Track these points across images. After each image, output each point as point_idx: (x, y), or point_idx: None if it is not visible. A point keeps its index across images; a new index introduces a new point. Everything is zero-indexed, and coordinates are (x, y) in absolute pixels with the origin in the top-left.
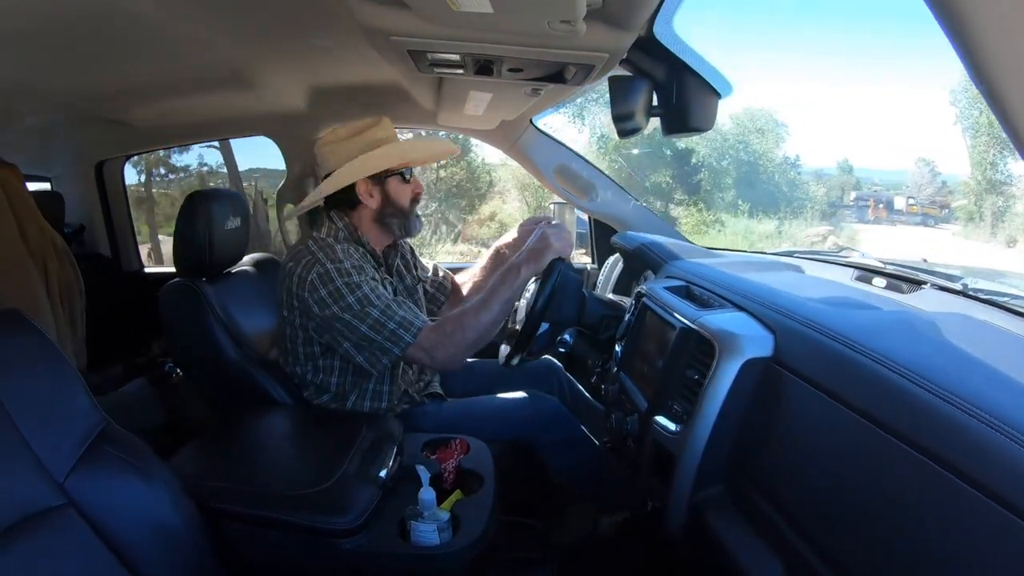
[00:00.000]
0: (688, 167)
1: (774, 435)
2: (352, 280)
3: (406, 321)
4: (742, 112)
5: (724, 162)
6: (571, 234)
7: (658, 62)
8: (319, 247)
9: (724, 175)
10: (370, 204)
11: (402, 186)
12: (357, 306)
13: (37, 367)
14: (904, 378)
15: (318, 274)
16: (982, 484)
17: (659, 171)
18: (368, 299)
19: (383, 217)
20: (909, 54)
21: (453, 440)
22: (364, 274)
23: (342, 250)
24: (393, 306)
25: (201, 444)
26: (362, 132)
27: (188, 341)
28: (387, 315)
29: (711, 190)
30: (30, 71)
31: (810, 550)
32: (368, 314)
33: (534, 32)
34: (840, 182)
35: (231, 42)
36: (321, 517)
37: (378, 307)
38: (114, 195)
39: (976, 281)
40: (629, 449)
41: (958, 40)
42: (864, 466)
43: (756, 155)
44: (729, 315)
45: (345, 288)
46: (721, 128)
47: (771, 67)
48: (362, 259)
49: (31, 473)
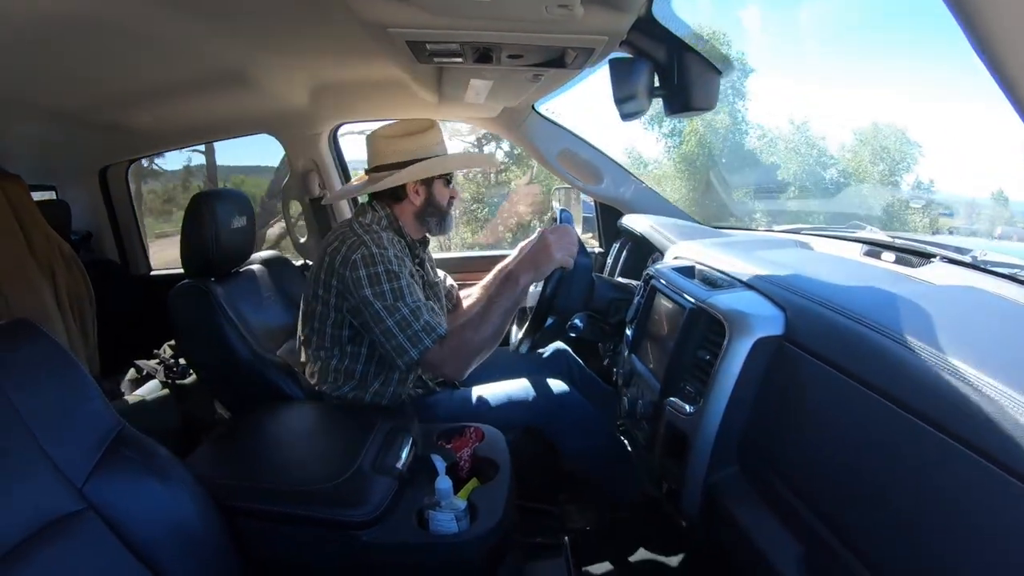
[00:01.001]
0: (773, 183)
1: (787, 414)
2: (392, 269)
3: (429, 326)
4: (868, 128)
5: (816, 179)
6: (574, 238)
7: (658, 43)
8: (365, 231)
9: (813, 194)
10: (415, 201)
11: (444, 189)
12: (391, 297)
13: (50, 375)
14: (915, 354)
15: (362, 255)
16: (997, 458)
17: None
18: (402, 293)
19: (424, 214)
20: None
21: (467, 428)
22: (404, 267)
23: (387, 239)
24: (423, 308)
25: (216, 443)
26: (419, 134)
27: (199, 341)
28: (415, 315)
29: (797, 211)
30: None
31: (829, 530)
32: (398, 309)
33: (532, 17)
34: (990, 214)
35: (230, 43)
36: (339, 510)
37: (409, 305)
38: (119, 200)
39: (986, 253)
40: (642, 431)
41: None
42: (877, 442)
43: (865, 174)
44: (739, 294)
45: (384, 275)
46: (818, 140)
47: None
48: (403, 252)
49: (50, 480)
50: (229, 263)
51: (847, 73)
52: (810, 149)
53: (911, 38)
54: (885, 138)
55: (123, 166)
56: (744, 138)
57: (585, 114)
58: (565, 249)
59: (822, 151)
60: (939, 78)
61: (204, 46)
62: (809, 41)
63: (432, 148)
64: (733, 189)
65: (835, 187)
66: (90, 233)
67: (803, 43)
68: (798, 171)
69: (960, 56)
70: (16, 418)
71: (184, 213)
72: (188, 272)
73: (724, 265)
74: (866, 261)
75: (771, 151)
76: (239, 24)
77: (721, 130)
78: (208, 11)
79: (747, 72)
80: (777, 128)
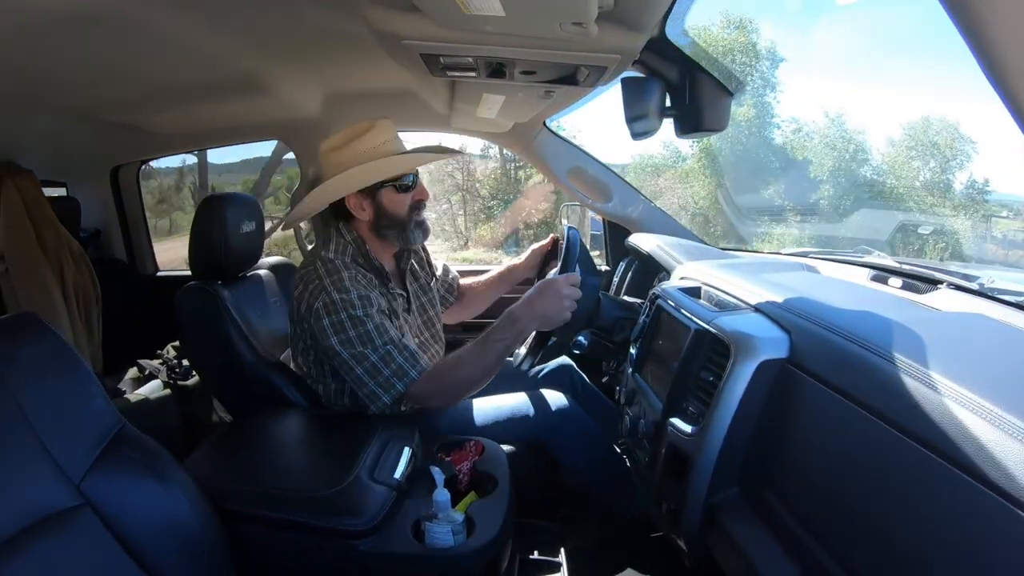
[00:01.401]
0: (805, 181)
1: (789, 437)
2: (356, 314)
3: (402, 370)
4: (918, 121)
5: (850, 178)
6: (575, 291)
7: (670, 63)
8: (327, 272)
9: (848, 198)
10: (362, 217)
11: (398, 196)
12: (358, 344)
13: (54, 370)
14: (918, 380)
15: (323, 303)
16: (1001, 487)
17: (755, 183)
18: (369, 338)
19: (379, 229)
20: None
21: (468, 442)
22: (370, 306)
23: (349, 277)
24: (394, 351)
25: (216, 446)
26: (356, 139)
27: (203, 343)
28: (386, 360)
29: (830, 212)
30: (45, 78)
31: (826, 554)
32: (366, 356)
33: (546, 35)
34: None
35: (246, 49)
36: (336, 518)
37: (379, 350)
38: (130, 200)
39: (993, 280)
40: (644, 450)
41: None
42: (878, 468)
43: (911, 173)
44: (744, 316)
45: (348, 322)
46: (856, 136)
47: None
48: (369, 285)
49: (48, 474)
50: (237, 267)
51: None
52: (846, 144)
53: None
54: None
55: (135, 166)
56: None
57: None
58: (550, 306)
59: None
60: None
61: (220, 51)
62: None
63: (371, 152)
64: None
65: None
66: (99, 231)
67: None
68: (835, 169)
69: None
70: (18, 411)
71: (194, 215)
72: (195, 274)
73: (730, 287)
74: (873, 286)
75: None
76: (256, 31)
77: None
78: (226, 17)
79: (777, 62)
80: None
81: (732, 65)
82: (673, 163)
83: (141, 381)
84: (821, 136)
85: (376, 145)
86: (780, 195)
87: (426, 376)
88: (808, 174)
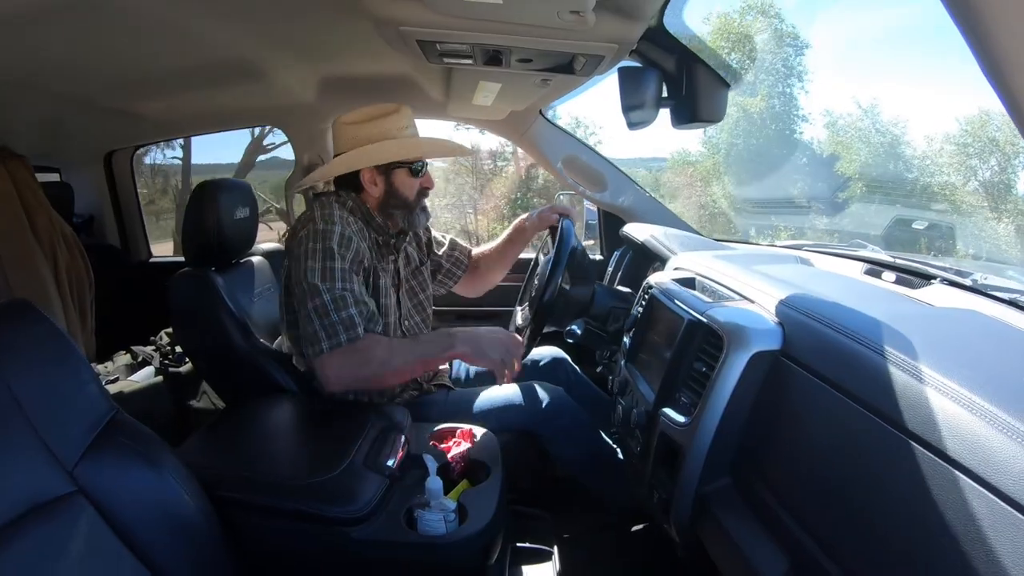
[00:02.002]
0: (830, 178)
1: (781, 428)
2: (331, 246)
3: (351, 321)
4: (977, 115)
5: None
6: (518, 351)
7: (668, 53)
8: (319, 207)
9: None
10: (373, 192)
11: (409, 179)
12: (318, 276)
13: (47, 356)
14: (909, 374)
15: (308, 231)
16: (988, 481)
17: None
18: (332, 276)
19: (387, 207)
20: None
21: (460, 430)
22: (347, 249)
23: (340, 216)
24: (349, 299)
25: (209, 433)
26: (380, 118)
27: (197, 330)
28: (336, 304)
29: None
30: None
31: (815, 545)
32: (319, 292)
33: (544, 23)
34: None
35: (242, 34)
36: (328, 506)
37: (334, 291)
38: (123, 185)
39: (987, 277)
40: (636, 440)
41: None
42: (868, 461)
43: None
44: (738, 308)
45: (321, 252)
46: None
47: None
48: (359, 234)
49: (41, 461)
50: (230, 253)
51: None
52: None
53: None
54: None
55: (129, 151)
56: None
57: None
58: (506, 356)
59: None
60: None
61: (215, 36)
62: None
63: (393, 133)
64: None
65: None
66: (92, 217)
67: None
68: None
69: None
70: (10, 398)
71: (187, 201)
72: (188, 260)
73: (725, 278)
74: (866, 280)
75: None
76: (251, 15)
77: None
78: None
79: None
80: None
81: (752, 52)
82: (711, 157)
83: (134, 368)
84: (856, 130)
85: (399, 127)
86: (814, 189)
87: (366, 341)
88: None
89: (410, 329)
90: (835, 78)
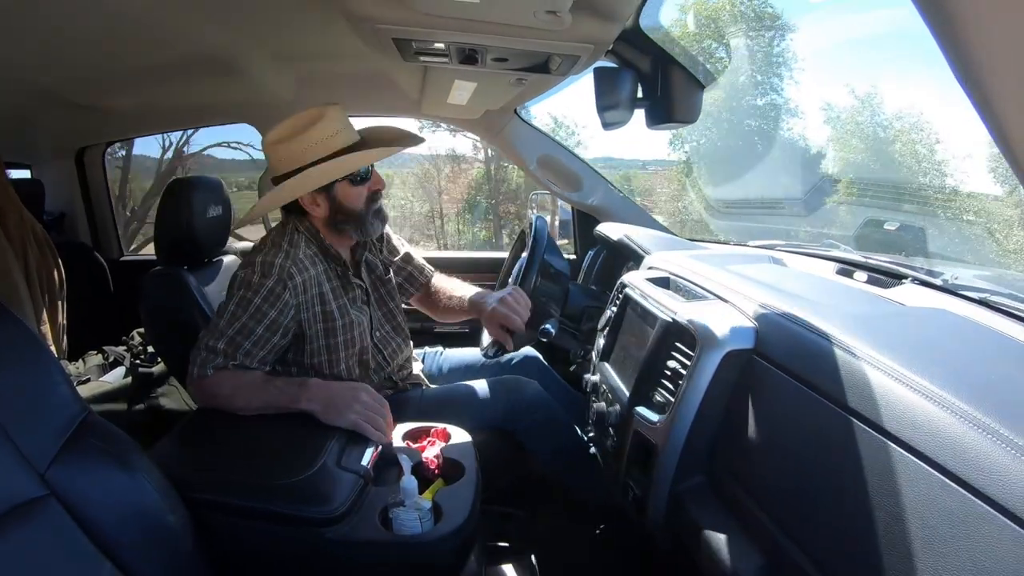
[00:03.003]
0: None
1: (754, 426)
2: (249, 296)
3: (250, 353)
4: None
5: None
6: (381, 421)
7: (643, 54)
8: (271, 242)
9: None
10: (317, 213)
11: (353, 189)
12: (227, 314)
13: (17, 356)
14: (880, 371)
15: (240, 276)
16: (959, 476)
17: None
18: (242, 303)
19: (335, 223)
20: None
21: (435, 429)
22: (270, 307)
23: (279, 266)
24: (263, 334)
25: (182, 434)
26: (305, 130)
27: (169, 329)
28: (214, 334)
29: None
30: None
31: (789, 541)
32: (232, 313)
33: (520, 22)
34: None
35: (217, 30)
36: (302, 506)
37: (245, 316)
38: (95, 183)
39: (957, 277)
40: (610, 439)
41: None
42: (840, 457)
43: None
44: (711, 307)
45: (239, 300)
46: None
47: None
48: (310, 271)
49: (12, 464)
50: (203, 252)
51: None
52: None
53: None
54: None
55: (100, 148)
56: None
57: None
58: (362, 413)
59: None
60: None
61: (189, 30)
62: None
63: (323, 144)
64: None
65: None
66: (63, 214)
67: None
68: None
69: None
70: None
71: (160, 199)
72: (161, 259)
73: (698, 278)
74: (838, 280)
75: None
76: (226, 11)
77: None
78: None
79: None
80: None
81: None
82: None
83: (106, 368)
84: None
85: (328, 136)
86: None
87: (214, 378)
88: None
89: (381, 340)
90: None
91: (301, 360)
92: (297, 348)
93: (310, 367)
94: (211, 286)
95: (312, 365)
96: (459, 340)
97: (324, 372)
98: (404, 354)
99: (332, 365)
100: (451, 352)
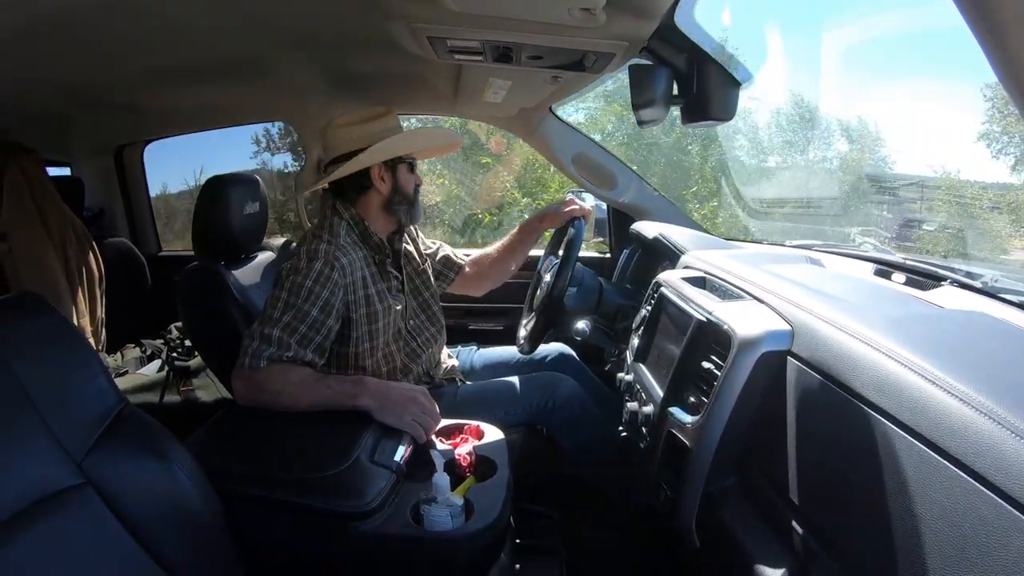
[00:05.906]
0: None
1: (787, 429)
2: (302, 282)
3: (307, 338)
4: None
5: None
6: (429, 420)
7: (679, 51)
8: (318, 239)
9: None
10: (381, 189)
11: (409, 175)
12: (280, 304)
13: (57, 349)
14: (918, 376)
15: (291, 264)
16: (994, 484)
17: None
18: (299, 291)
19: (392, 203)
20: None
21: (468, 426)
22: (322, 287)
23: (325, 251)
24: (296, 323)
25: (217, 426)
26: (373, 119)
27: (206, 324)
28: (270, 323)
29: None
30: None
31: (820, 546)
32: (285, 301)
33: (554, 20)
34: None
35: (251, 30)
36: (335, 500)
37: (299, 300)
38: (133, 179)
39: (997, 279)
40: (643, 439)
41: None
42: (874, 462)
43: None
44: (747, 307)
45: (291, 286)
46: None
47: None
48: (363, 260)
49: (50, 453)
50: (241, 248)
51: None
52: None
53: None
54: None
55: (139, 146)
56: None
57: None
58: (417, 416)
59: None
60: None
61: (225, 31)
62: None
63: (393, 131)
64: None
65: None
66: (102, 210)
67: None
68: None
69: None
70: (20, 391)
71: (198, 195)
72: (198, 254)
73: (734, 277)
74: (876, 281)
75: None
76: (261, 11)
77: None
78: None
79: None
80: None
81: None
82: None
83: (144, 361)
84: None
85: (393, 127)
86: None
87: (267, 371)
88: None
89: (414, 328)
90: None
91: (344, 351)
92: (340, 336)
93: (353, 356)
94: (248, 281)
95: (356, 355)
96: (494, 337)
97: (364, 362)
98: (437, 344)
99: (372, 352)
100: (485, 349)
